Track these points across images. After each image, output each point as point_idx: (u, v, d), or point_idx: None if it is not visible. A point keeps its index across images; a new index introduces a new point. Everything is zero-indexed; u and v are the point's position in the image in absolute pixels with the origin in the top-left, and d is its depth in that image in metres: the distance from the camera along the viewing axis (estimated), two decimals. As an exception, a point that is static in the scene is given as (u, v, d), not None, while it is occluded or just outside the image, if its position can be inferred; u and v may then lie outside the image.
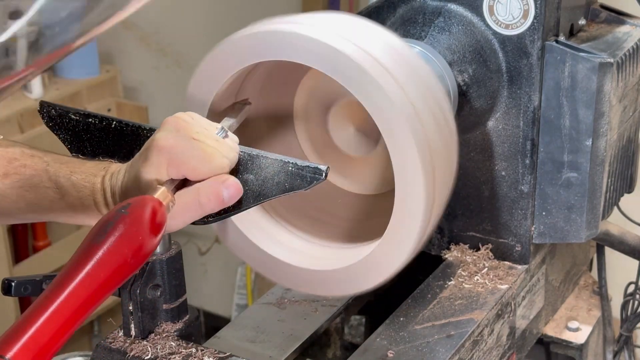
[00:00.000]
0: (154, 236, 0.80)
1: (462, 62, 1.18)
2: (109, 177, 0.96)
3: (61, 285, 0.74)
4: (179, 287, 1.06)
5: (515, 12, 1.16)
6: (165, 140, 0.89)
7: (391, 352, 1.08)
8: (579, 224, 1.23)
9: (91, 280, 0.74)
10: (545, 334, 1.40)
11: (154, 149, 0.89)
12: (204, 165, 0.89)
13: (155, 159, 0.89)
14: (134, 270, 0.79)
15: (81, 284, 0.74)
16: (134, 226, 0.78)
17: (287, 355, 1.15)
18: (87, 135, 1.02)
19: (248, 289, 2.96)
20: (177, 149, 0.88)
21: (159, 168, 0.89)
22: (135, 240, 0.78)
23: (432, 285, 1.22)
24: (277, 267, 1.06)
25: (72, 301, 0.73)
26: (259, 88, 1.09)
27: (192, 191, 0.89)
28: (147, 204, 0.82)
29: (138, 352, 1.03)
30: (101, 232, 0.77)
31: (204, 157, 0.89)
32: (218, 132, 0.92)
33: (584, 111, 1.18)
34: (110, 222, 0.78)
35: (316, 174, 0.90)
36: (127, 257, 0.77)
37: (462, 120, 1.19)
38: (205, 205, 0.89)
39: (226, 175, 0.90)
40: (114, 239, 0.76)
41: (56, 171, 0.97)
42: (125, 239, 0.77)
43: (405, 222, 0.96)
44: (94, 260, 0.75)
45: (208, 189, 0.89)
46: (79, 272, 0.74)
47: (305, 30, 0.95)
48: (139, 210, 0.80)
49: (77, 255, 0.76)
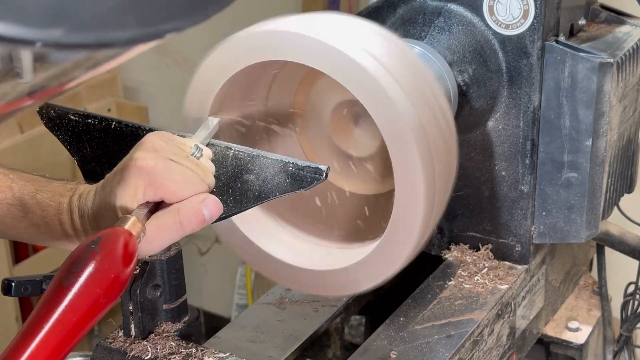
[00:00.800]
0: (125, 270, 0.78)
1: (462, 62, 1.18)
2: (77, 197, 0.93)
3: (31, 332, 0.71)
4: (179, 287, 1.06)
5: (515, 12, 1.16)
6: (145, 160, 0.86)
7: (394, 353, 1.08)
8: (579, 224, 1.23)
9: (63, 325, 0.72)
10: (545, 334, 1.40)
11: (132, 168, 0.87)
12: (182, 189, 0.87)
13: (133, 180, 0.86)
14: (109, 305, 0.76)
15: (52, 330, 0.72)
16: (106, 262, 0.76)
17: (287, 355, 1.15)
18: (87, 136, 1.02)
19: (248, 289, 2.96)
20: (157, 171, 0.86)
21: (136, 189, 0.86)
22: (107, 277, 0.75)
23: (432, 285, 1.22)
24: (277, 267, 1.06)
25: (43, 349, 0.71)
26: (260, 88, 1.09)
27: (171, 212, 0.87)
28: (119, 237, 0.79)
29: (138, 352, 1.03)
30: (71, 272, 0.74)
31: (183, 181, 0.87)
32: (193, 152, 0.91)
33: (584, 111, 1.18)
34: (81, 261, 0.75)
35: (316, 174, 0.90)
36: (99, 297, 0.74)
37: (462, 120, 1.19)
38: (186, 226, 0.87)
39: (204, 194, 0.88)
40: (84, 280, 0.74)
41: (21, 188, 0.95)
42: (96, 277, 0.74)
43: (405, 222, 0.96)
44: (63, 304, 0.73)
45: (189, 209, 0.87)
46: (48, 317, 0.72)
47: (305, 31, 0.95)
48: (110, 245, 0.77)
49: (47, 298, 0.74)
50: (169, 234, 0.87)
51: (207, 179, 0.89)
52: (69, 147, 1.04)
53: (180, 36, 1.63)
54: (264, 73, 1.07)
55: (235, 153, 0.93)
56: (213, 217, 0.88)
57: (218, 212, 0.88)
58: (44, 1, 0.42)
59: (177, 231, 0.87)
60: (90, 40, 0.44)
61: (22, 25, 0.42)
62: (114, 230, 0.80)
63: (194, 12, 0.48)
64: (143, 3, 0.45)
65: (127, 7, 0.44)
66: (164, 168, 0.86)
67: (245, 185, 0.92)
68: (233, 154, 0.93)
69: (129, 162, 0.87)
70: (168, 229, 0.87)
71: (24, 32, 0.42)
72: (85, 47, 0.45)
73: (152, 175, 0.86)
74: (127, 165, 0.87)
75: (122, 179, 0.87)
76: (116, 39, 0.45)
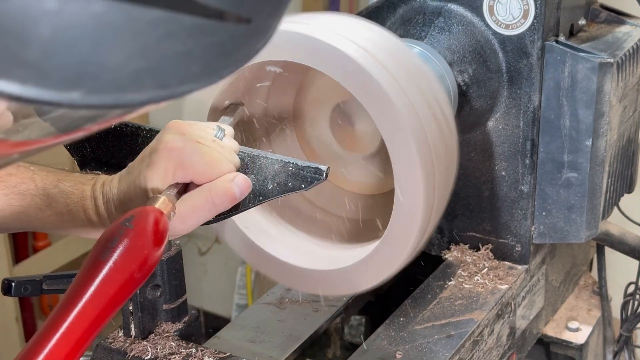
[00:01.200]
0: (157, 248, 0.79)
1: (462, 62, 1.18)
2: (100, 185, 0.95)
3: (70, 304, 0.73)
4: (179, 287, 1.06)
5: (515, 12, 1.16)
6: (174, 142, 0.89)
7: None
8: (579, 224, 1.23)
9: (100, 298, 0.74)
10: (545, 334, 1.40)
11: (162, 151, 0.89)
12: (211, 170, 0.89)
13: (163, 162, 0.89)
14: (140, 284, 0.78)
15: (90, 302, 0.73)
16: (139, 239, 0.78)
17: (287, 355, 1.15)
18: (87, 136, 1.02)
19: (248, 289, 2.95)
20: (186, 152, 0.89)
21: (166, 171, 0.89)
22: (141, 253, 0.77)
23: (432, 285, 1.22)
24: (277, 267, 1.06)
25: (82, 320, 0.73)
26: (262, 87, 1.09)
27: (203, 192, 0.89)
28: (150, 215, 0.81)
29: (138, 352, 1.03)
30: (107, 247, 0.76)
31: (211, 162, 0.89)
32: (217, 134, 0.93)
33: (584, 111, 1.18)
34: (116, 237, 0.77)
35: (317, 174, 0.90)
36: (134, 272, 0.76)
37: (462, 120, 1.19)
38: (219, 205, 0.90)
39: (233, 173, 0.91)
40: (119, 254, 0.76)
41: (43, 179, 0.97)
42: (131, 253, 0.77)
43: (405, 222, 0.96)
44: (101, 276, 0.74)
45: (220, 188, 0.89)
46: (86, 289, 0.74)
47: (306, 30, 0.95)
48: (142, 223, 0.79)
49: (84, 272, 0.76)
50: (203, 213, 0.90)
51: (232, 158, 0.92)
52: (69, 147, 1.04)
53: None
54: (264, 73, 1.07)
55: (235, 153, 0.93)
56: (243, 194, 0.91)
57: (247, 190, 0.91)
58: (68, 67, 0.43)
59: (210, 210, 0.90)
60: (107, 102, 0.45)
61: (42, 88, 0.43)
62: (146, 209, 0.82)
63: (209, 75, 0.49)
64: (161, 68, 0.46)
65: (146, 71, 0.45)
66: (193, 150, 0.89)
67: (245, 185, 0.92)
68: (233, 154, 0.93)
69: (158, 145, 0.90)
70: (201, 209, 0.90)
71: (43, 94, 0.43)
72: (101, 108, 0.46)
73: (181, 156, 0.89)
74: (157, 149, 0.90)
75: (151, 162, 0.90)
76: (133, 100, 0.46)
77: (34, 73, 0.43)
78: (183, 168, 0.89)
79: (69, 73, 0.43)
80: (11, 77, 0.42)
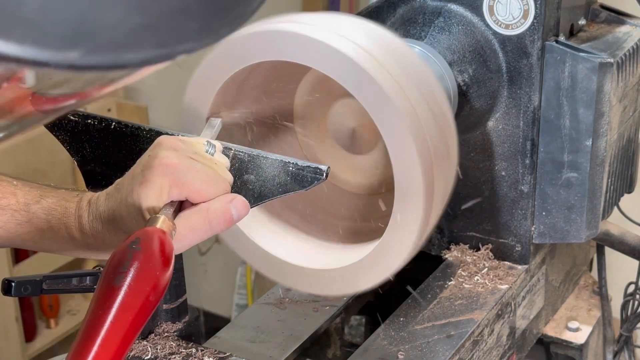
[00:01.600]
0: (167, 268, 0.78)
1: (462, 62, 1.18)
2: (85, 202, 0.93)
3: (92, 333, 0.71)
4: (179, 287, 1.06)
5: (515, 12, 1.16)
6: (169, 158, 0.87)
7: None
8: (579, 224, 1.23)
9: (120, 324, 0.72)
10: (545, 334, 1.40)
11: (157, 168, 0.86)
12: (208, 187, 0.87)
13: (158, 180, 0.86)
14: (154, 307, 0.76)
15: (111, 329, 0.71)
16: (149, 261, 0.76)
17: (287, 355, 1.15)
18: (87, 137, 1.02)
19: (248, 289, 2.95)
20: (181, 169, 0.86)
21: (161, 189, 0.86)
22: (153, 275, 0.76)
23: (432, 285, 1.22)
24: (277, 267, 1.06)
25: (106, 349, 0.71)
26: (260, 87, 1.09)
27: (200, 212, 0.87)
28: (155, 236, 0.79)
29: (138, 352, 1.03)
30: (118, 272, 0.74)
31: (207, 179, 0.87)
32: (207, 149, 0.91)
33: (584, 111, 1.18)
34: (126, 261, 0.75)
35: (317, 174, 0.90)
36: (149, 295, 0.74)
37: (462, 120, 1.19)
38: (215, 227, 0.88)
39: (232, 195, 0.89)
40: (132, 278, 0.74)
41: (25, 194, 0.96)
42: (143, 275, 0.75)
43: (405, 222, 0.96)
44: (117, 302, 0.72)
45: (218, 210, 0.87)
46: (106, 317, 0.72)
47: (305, 30, 0.95)
48: (149, 244, 0.77)
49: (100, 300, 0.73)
50: (199, 234, 0.88)
51: (225, 174, 0.90)
52: (69, 148, 1.04)
53: (180, 36, 1.59)
54: (264, 73, 1.07)
55: (235, 153, 0.93)
56: (241, 217, 0.89)
57: (245, 212, 0.89)
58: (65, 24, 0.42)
59: (206, 231, 0.88)
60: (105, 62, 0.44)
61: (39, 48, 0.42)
62: (149, 230, 0.80)
63: (207, 33, 0.48)
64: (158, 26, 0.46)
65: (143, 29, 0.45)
66: (187, 166, 0.87)
67: (245, 186, 0.92)
68: (233, 154, 0.93)
69: (152, 162, 0.87)
70: (198, 230, 0.88)
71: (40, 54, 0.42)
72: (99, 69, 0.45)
73: (177, 173, 0.86)
74: (150, 165, 0.87)
75: (144, 179, 0.87)
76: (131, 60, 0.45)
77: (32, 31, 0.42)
78: (178, 185, 0.86)
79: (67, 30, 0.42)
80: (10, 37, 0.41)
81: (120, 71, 0.48)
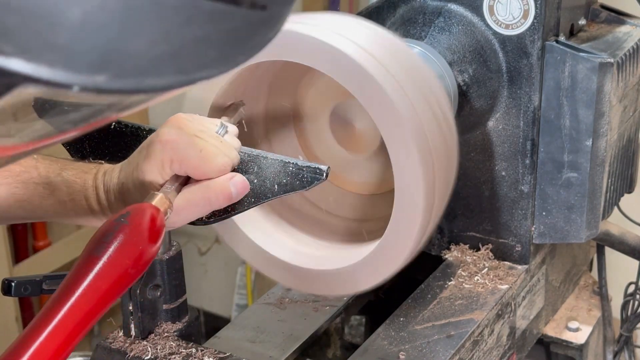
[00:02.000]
0: (153, 244, 0.80)
1: (462, 62, 1.18)
2: (101, 174, 0.96)
3: (62, 298, 0.73)
4: (179, 287, 1.06)
5: (515, 12, 1.16)
6: (169, 135, 0.90)
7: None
8: (579, 224, 1.23)
9: (92, 293, 0.74)
10: (545, 334, 1.40)
11: (157, 143, 0.90)
12: (205, 164, 0.90)
13: (158, 154, 0.90)
14: (134, 279, 0.79)
15: (82, 296, 0.73)
16: (134, 235, 0.78)
17: (287, 355, 1.15)
18: (86, 137, 1.02)
19: (248, 289, 2.95)
20: (180, 145, 0.90)
21: (162, 164, 0.90)
22: (136, 249, 0.78)
23: (432, 285, 1.22)
24: (277, 267, 1.06)
25: (74, 314, 0.73)
26: (260, 88, 1.09)
27: (200, 188, 0.90)
28: (146, 212, 0.81)
29: (138, 352, 1.03)
30: (101, 243, 0.77)
31: (206, 156, 0.90)
32: (218, 130, 0.93)
33: (584, 111, 1.18)
34: (110, 232, 0.77)
35: (317, 174, 0.90)
36: (128, 267, 0.77)
37: (462, 120, 1.19)
38: (214, 202, 0.91)
39: (233, 173, 0.92)
40: (114, 249, 0.76)
41: (46, 167, 0.98)
42: (125, 248, 0.77)
43: (405, 222, 0.96)
44: (94, 271, 0.75)
45: (217, 186, 0.90)
46: (79, 284, 0.74)
47: (306, 30, 0.95)
48: (138, 219, 0.80)
49: (78, 267, 0.76)
50: (197, 209, 0.92)
51: (230, 154, 0.92)
52: (69, 147, 1.04)
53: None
54: (264, 73, 1.07)
55: (235, 153, 0.93)
56: (240, 195, 0.92)
57: (245, 190, 0.92)
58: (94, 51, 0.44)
59: (204, 206, 0.92)
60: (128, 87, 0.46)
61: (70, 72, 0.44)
62: (142, 206, 0.82)
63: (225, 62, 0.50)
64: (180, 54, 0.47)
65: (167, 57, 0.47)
66: (187, 142, 0.90)
67: (245, 185, 0.92)
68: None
69: (154, 138, 0.91)
70: (196, 205, 0.91)
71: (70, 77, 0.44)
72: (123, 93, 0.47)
73: (176, 149, 0.89)
74: (153, 141, 0.91)
75: (147, 154, 0.90)
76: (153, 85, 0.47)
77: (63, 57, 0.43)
78: (177, 161, 0.89)
79: (96, 57, 0.44)
80: (41, 61, 0.43)
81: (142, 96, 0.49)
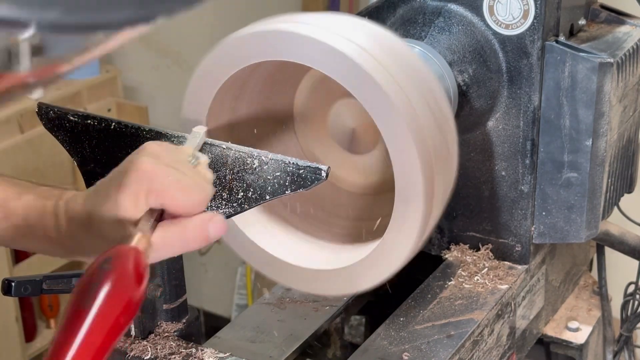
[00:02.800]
0: (139, 288, 0.75)
1: (462, 62, 1.18)
2: (63, 202, 0.92)
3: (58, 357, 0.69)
4: (179, 287, 1.06)
5: (515, 12, 1.16)
6: (145, 164, 0.84)
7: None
8: (579, 224, 1.23)
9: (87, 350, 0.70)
10: (545, 334, 1.40)
11: (132, 173, 0.84)
12: (183, 197, 0.85)
13: (133, 185, 0.84)
14: (126, 327, 0.75)
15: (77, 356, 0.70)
16: (120, 282, 0.74)
17: (287, 355, 1.15)
18: (86, 137, 1.02)
19: (248, 289, 2.95)
20: (158, 176, 0.84)
21: (137, 195, 0.84)
22: (125, 296, 0.73)
23: (432, 285, 1.22)
24: (277, 267, 1.06)
25: None
26: (260, 88, 1.09)
27: (177, 227, 0.85)
28: (129, 256, 0.76)
29: (138, 352, 1.03)
30: (88, 294, 0.72)
31: (183, 188, 0.85)
32: (191, 160, 0.90)
33: (584, 111, 1.18)
34: (95, 282, 0.73)
35: (317, 174, 0.90)
36: (119, 317, 0.73)
37: (462, 120, 1.19)
38: (190, 243, 0.86)
39: (211, 213, 0.88)
40: (102, 301, 0.72)
41: (4, 190, 0.94)
42: (113, 298, 0.73)
43: (405, 222, 0.96)
44: (85, 327, 0.70)
45: (195, 227, 0.86)
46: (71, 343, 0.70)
47: (305, 30, 0.95)
48: (122, 264, 0.75)
49: (67, 322, 0.71)
50: (173, 249, 0.87)
51: (206, 187, 0.88)
52: (69, 148, 1.04)
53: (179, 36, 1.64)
54: (265, 73, 1.07)
55: (235, 153, 0.93)
56: (217, 237, 0.88)
57: (222, 232, 0.87)
58: None
59: (181, 247, 0.87)
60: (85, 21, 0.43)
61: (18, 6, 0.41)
62: (123, 249, 0.77)
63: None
64: None
65: None
66: (165, 174, 0.84)
67: (245, 186, 0.92)
68: (233, 154, 0.93)
69: (129, 167, 0.85)
70: (172, 245, 0.86)
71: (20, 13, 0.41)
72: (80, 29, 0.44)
73: (153, 180, 0.84)
74: (127, 170, 0.85)
75: (121, 184, 0.85)
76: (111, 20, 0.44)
77: None
78: (154, 193, 0.84)
79: None
80: None
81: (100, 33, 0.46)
